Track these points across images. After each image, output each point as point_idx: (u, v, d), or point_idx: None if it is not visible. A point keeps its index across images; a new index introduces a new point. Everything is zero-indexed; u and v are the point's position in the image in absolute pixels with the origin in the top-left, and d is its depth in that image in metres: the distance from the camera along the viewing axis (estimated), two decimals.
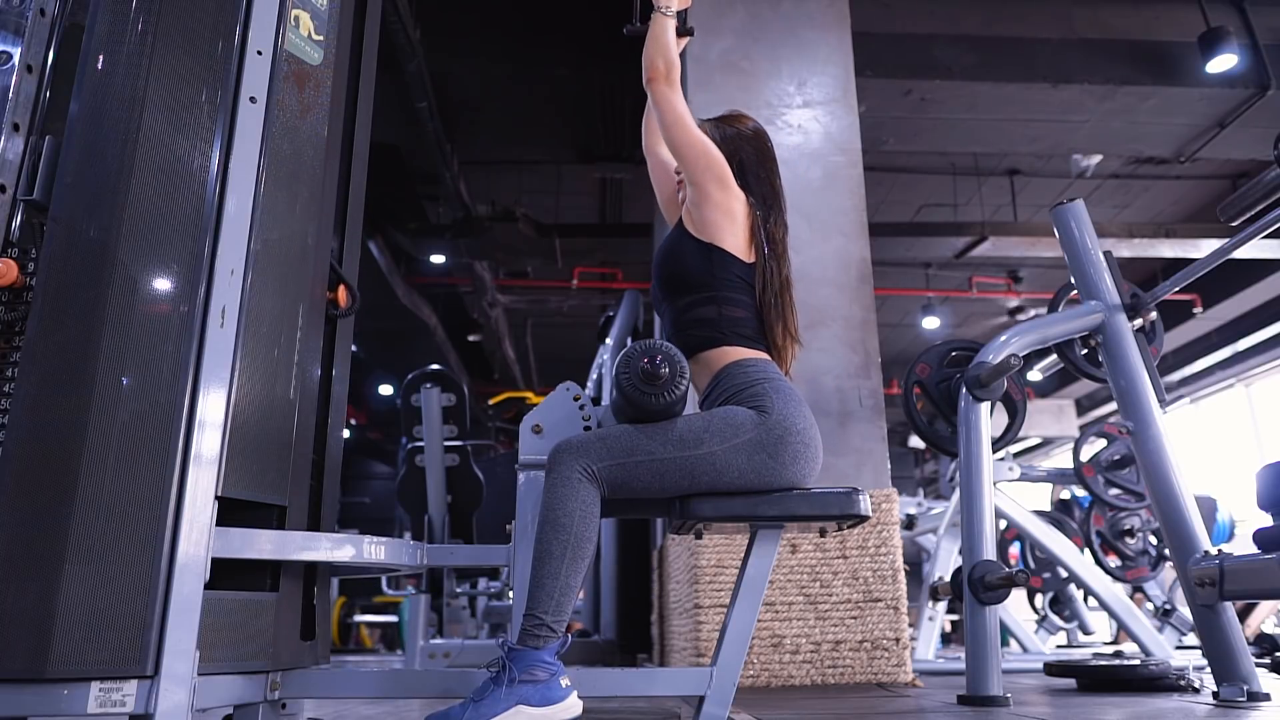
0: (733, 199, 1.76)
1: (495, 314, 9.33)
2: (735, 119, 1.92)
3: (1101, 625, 6.87)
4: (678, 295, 1.77)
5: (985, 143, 6.63)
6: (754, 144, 1.87)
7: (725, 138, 1.85)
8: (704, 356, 1.73)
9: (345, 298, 1.78)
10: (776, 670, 2.80)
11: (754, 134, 1.89)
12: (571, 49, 5.83)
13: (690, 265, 1.75)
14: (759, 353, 1.72)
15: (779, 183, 1.88)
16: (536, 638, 1.46)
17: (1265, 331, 9.17)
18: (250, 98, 1.43)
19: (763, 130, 1.91)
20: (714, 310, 1.72)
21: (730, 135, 1.86)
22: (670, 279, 1.79)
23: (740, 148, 1.84)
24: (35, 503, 1.20)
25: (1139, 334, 2.57)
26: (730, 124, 1.90)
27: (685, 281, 1.76)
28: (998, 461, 3.84)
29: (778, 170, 1.89)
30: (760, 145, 1.88)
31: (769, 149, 1.89)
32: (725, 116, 1.93)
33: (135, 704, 1.18)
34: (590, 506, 1.53)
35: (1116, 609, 3.92)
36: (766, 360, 1.72)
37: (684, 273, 1.76)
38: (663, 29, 1.81)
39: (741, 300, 1.74)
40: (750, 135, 1.88)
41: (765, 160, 1.87)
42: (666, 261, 1.80)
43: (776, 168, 1.89)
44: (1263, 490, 2.10)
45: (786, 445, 1.60)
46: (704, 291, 1.73)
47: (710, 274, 1.73)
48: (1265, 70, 5.66)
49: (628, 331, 5.30)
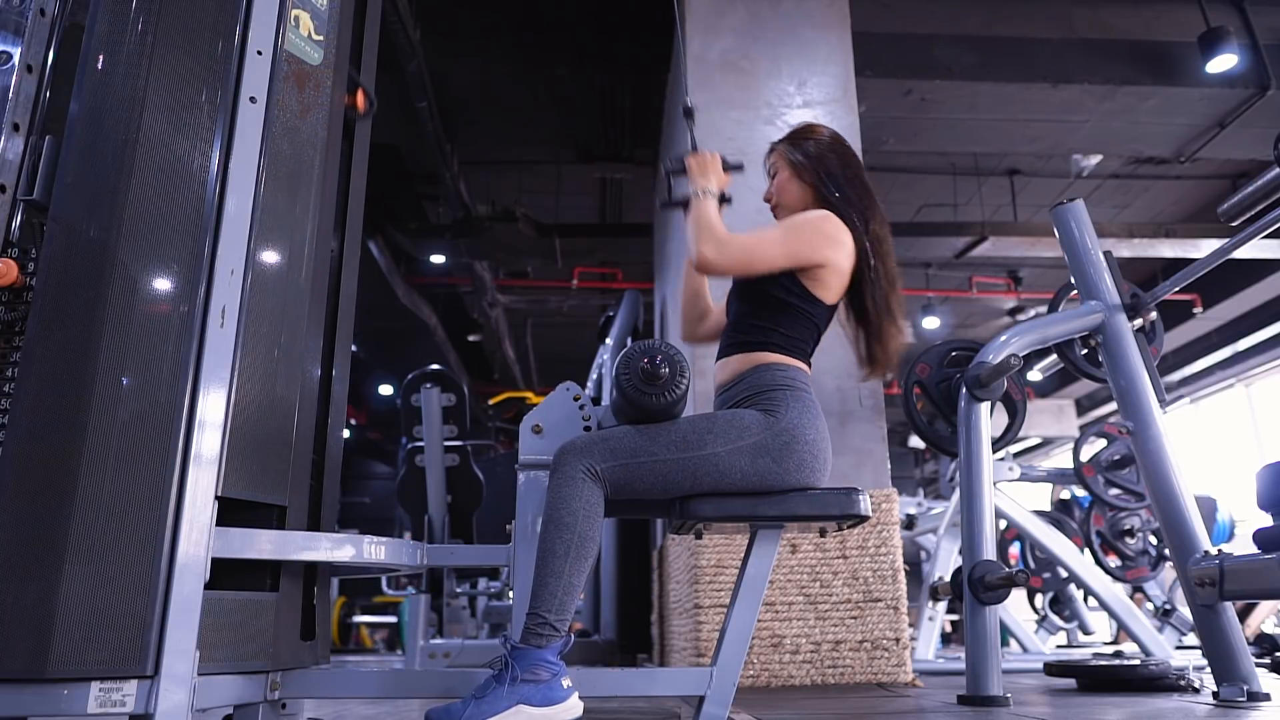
0: (842, 254, 1.73)
1: (495, 314, 9.33)
2: (808, 132, 1.89)
3: (1101, 625, 6.87)
4: (750, 303, 1.76)
5: (985, 143, 6.62)
6: (835, 151, 1.85)
7: (807, 155, 1.83)
8: (742, 356, 1.73)
9: (363, 102, 1.76)
10: (776, 670, 2.80)
11: (832, 140, 1.87)
12: (571, 49, 5.82)
13: (775, 292, 1.73)
14: (796, 361, 1.72)
15: (866, 178, 1.85)
16: (540, 636, 1.46)
17: (1265, 331, 9.16)
18: (250, 98, 1.43)
19: (839, 135, 1.90)
20: (771, 322, 1.72)
21: (810, 150, 1.84)
22: (751, 292, 1.77)
23: (823, 159, 1.82)
24: (35, 503, 1.20)
25: (1139, 334, 2.57)
26: (806, 138, 1.88)
27: (764, 301, 1.74)
28: (998, 461, 3.84)
29: (862, 168, 1.87)
30: (841, 150, 1.86)
31: (850, 151, 1.88)
32: (797, 132, 1.91)
33: (135, 704, 1.18)
34: (594, 506, 1.53)
35: (1116, 609, 3.92)
36: (801, 370, 1.72)
37: (766, 296, 1.74)
38: (704, 213, 1.74)
39: (806, 326, 1.73)
40: (829, 143, 1.86)
41: (850, 163, 1.85)
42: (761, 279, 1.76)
43: (861, 167, 1.87)
44: (1263, 490, 2.10)
45: (792, 452, 1.60)
46: (778, 312, 1.73)
47: (789, 304, 1.72)
48: (1265, 70, 5.66)
49: (628, 331, 5.30)
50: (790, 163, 1.86)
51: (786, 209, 1.87)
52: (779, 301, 1.72)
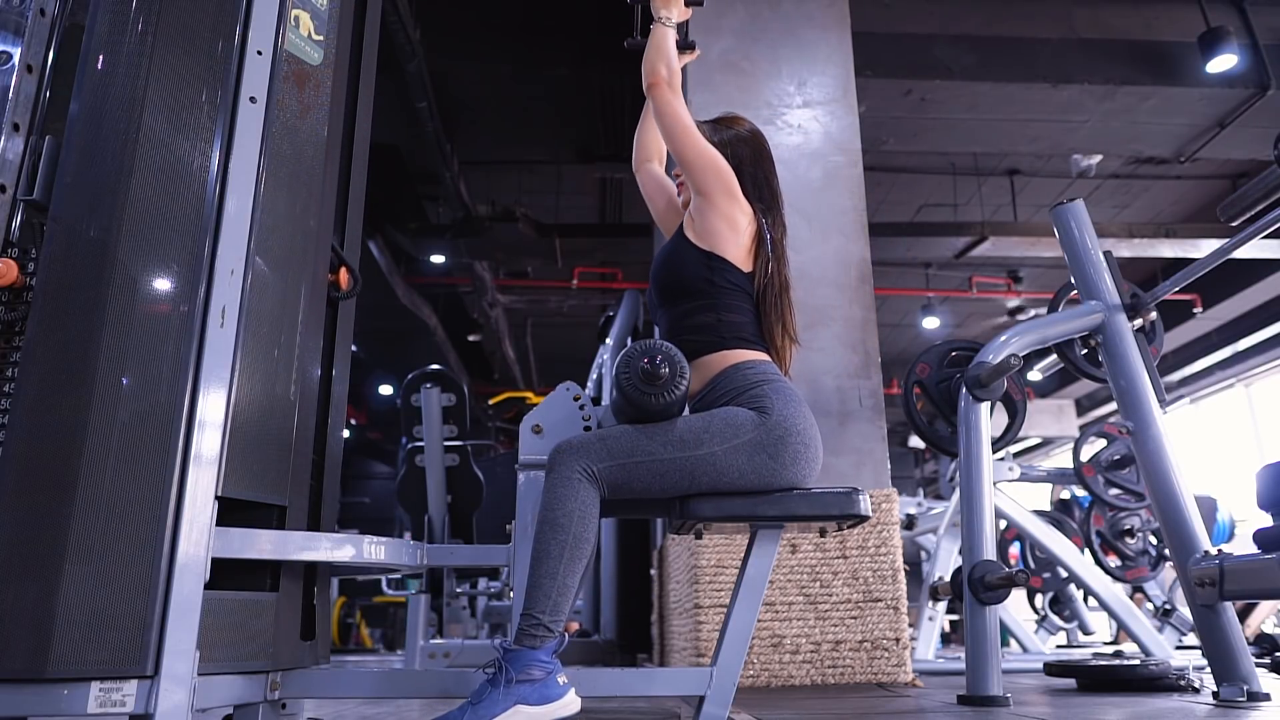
0: (738, 209, 1.76)
1: (495, 314, 9.33)
2: (732, 121, 1.91)
3: (1101, 625, 6.87)
4: (675, 302, 1.77)
5: (985, 143, 6.63)
6: (751, 145, 1.86)
7: (723, 141, 1.84)
8: (702, 360, 1.72)
9: (346, 280, 1.78)
10: (776, 670, 2.80)
11: (751, 135, 1.88)
12: (571, 49, 5.82)
13: (689, 273, 1.74)
14: (759, 354, 1.72)
15: (777, 183, 1.88)
16: (533, 637, 1.46)
17: (1265, 331, 9.17)
18: (250, 98, 1.43)
19: (759, 131, 1.91)
20: (712, 316, 1.72)
21: (729, 138, 1.85)
22: (669, 286, 1.78)
23: (738, 149, 1.84)
24: (35, 503, 1.20)
25: (1139, 334, 2.57)
26: (728, 126, 1.89)
27: (684, 288, 1.75)
28: (998, 461, 3.83)
29: (775, 171, 1.89)
30: (757, 146, 1.87)
31: (766, 150, 1.89)
32: (721, 119, 1.92)
33: (135, 704, 1.18)
34: (589, 507, 1.53)
35: (1116, 609, 3.92)
36: (767, 361, 1.72)
37: (683, 280, 1.75)
38: (663, 37, 1.80)
39: (740, 305, 1.74)
40: (748, 137, 1.87)
41: (763, 161, 1.86)
42: (665, 268, 1.80)
43: (774, 169, 1.89)
44: (1263, 490, 2.10)
45: (787, 446, 1.60)
46: (702, 299, 1.73)
47: (709, 281, 1.73)
48: (1265, 70, 5.66)
49: (628, 331, 5.30)
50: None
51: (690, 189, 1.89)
52: (702, 287, 1.72)
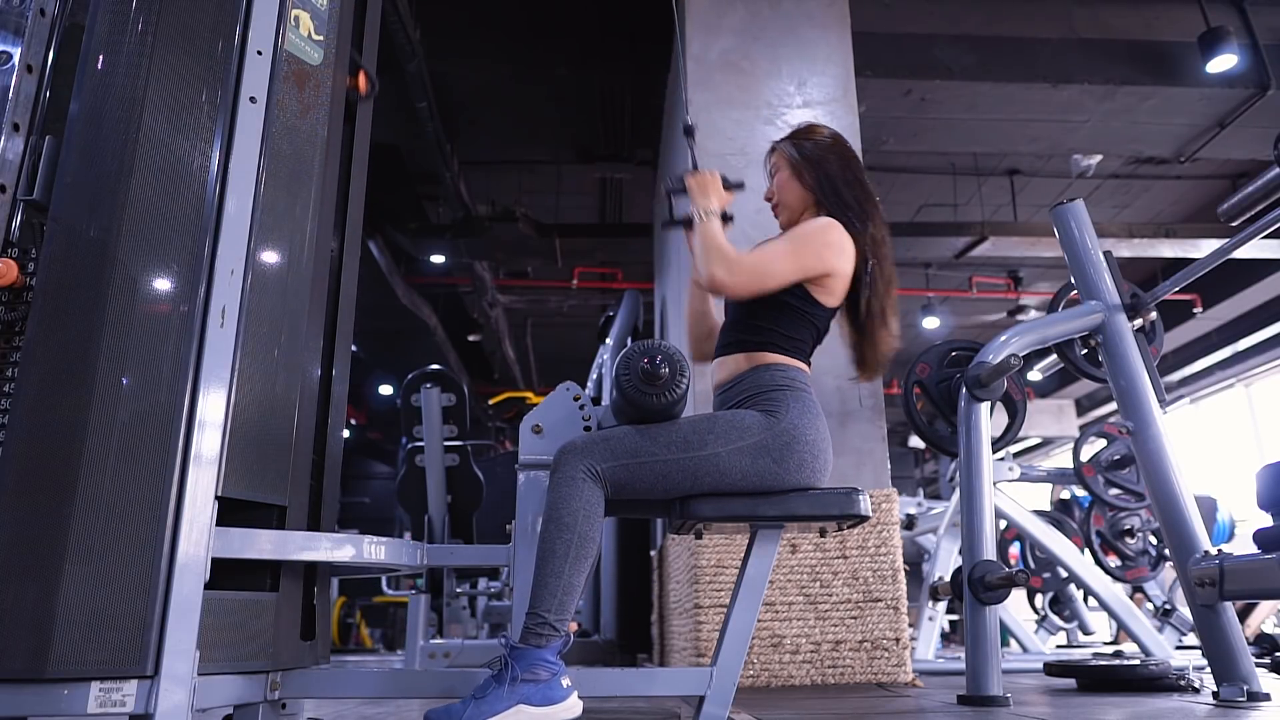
0: (845, 260, 1.73)
1: (495, 314, 9.33)
2: (809, 132, 1.89)
3: (1101, 625, 6.87)
4: (750, 304, 1.75)
5: (985, 143, 6.62)
6: (836, 152, 1.85)
7: (805, 155, 1.83)
8: (739, 355, 1.73)
9: (365, 84, 1.76)
10: (776, 670, 2.80)
11: (833, 141, 1.87)
12: (571, 49, 5.82)
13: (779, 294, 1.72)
14: (796, 361, 1.72)
15: (865, 178, 1.85)
16: (539, 636, 1.46)
17: (1265, 331, 9.16)
18: (250, 98, 1.43)
19: (840, 135, 1.90)
20: (770, 324, 1.72)
21: (810, 152, 1.84)
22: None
23: (824, 160, 1.82)
24: (35, 503, 1.20)
25: (1139, 334, 2.57)
26: (806, 138, 1.87)
27: (764, 301, 1.73)
28: (998, 461, 3.83)
29: (862, 168, 1.87)
30: (842, 151, 1.86)
31: (851, 152, 1.88)
32: (798, 132, 1.91)
33: (135, 704, 1.18)
34: (594, 506, 1.53)
35: (1116, 609, 3.92)
36: (801, 370, 1.72)
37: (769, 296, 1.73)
38: (709, 235, 1.73)
39: (803, 325, 1.73)
40: (830, 144, 1.86)
41: (851, 164, 1.85)
42: None
43: (862, 167, 1.87)
44: (1263, 490, 2.10)
45: (793, 452, 1.60)
46: (771, 310, 1.72)
47: (785, 303, 1.72)
48: (1265, 70, 5.66)
49: (628, 331, 5.30)
50: (790, 162, 1.86)
51: (787, 208, 1.88)
52: (780, 303, 1.72)
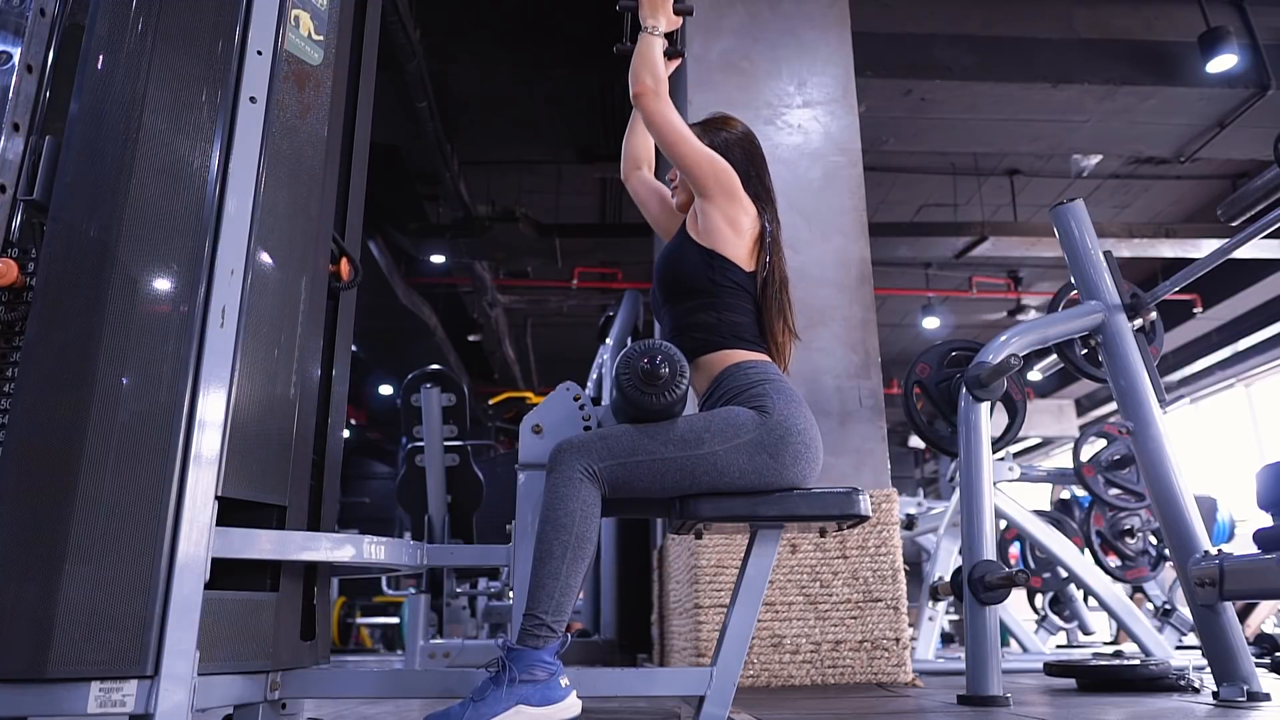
0: (740, 209, 1.77)
1: (495, 314, 9.33)
2: (723, 122, 1.91)
3: (1101, 625, 6.87)
4: (677, 300, 1.78)
5: (985, 143, 6.62)
6: (744, 145, 1.87)
7: (716, 143, 1.84)
8: (704, 360, 1.73)
9: (347, 270, 1.78)
10: (776, 670, 2.80)
11: (743, 136, 1.89)
12: (571, 49, 5.82)
13: (691, 271, 1.75)
14: (759, 354, 1.73)
15: (770, 181, 1.89)
16: (536, 637, 1.46)
17: (1265, 331, 9.16)
18: (250, 98, 1.43)
19: (750, 131, 1.92)
20: (714, 315, 1.73)
21: (721, 141, 1.85)
22: (671, 284, 1.79)
23: (731, 151, 1.84)
24: (35, 503, 1.20)
25: (1139, 334, 2.57)
26: (719, 128, 1.89)
27: (686, 287, 1.76)
28: (998, 461, 3.83)
29: (768, 169, 1.90)
30: (750, 146, 1.88)
31: (758, 149, 1.90)
32: (711, 120, 1.93)
33: (135, 704, 1.18)
34: (591, 506, 1.53)
35: (1116, 609, 3.92)
36: (767, 361, 1.73)
37: (685, 278, 1.76)
38: (649, 47, 1.79)
39: (741, 305, 1.75)
40: (740, 138, 1.88)
41: (756, 161, 1.87)
42: (668, 266, 1.81)
43: (766, 167, 1.90)
44: (1263, 490, 2.10)
45: (787, 445, 1.60)
46: (704, 297, 1.74)
47: (711, 280, 1.74)
48: (1265, 70, 5.66)
49: (628, 331, 5.30)
50: None
51: (684, 190, 1.91)
52: (706, 287, 1.73)
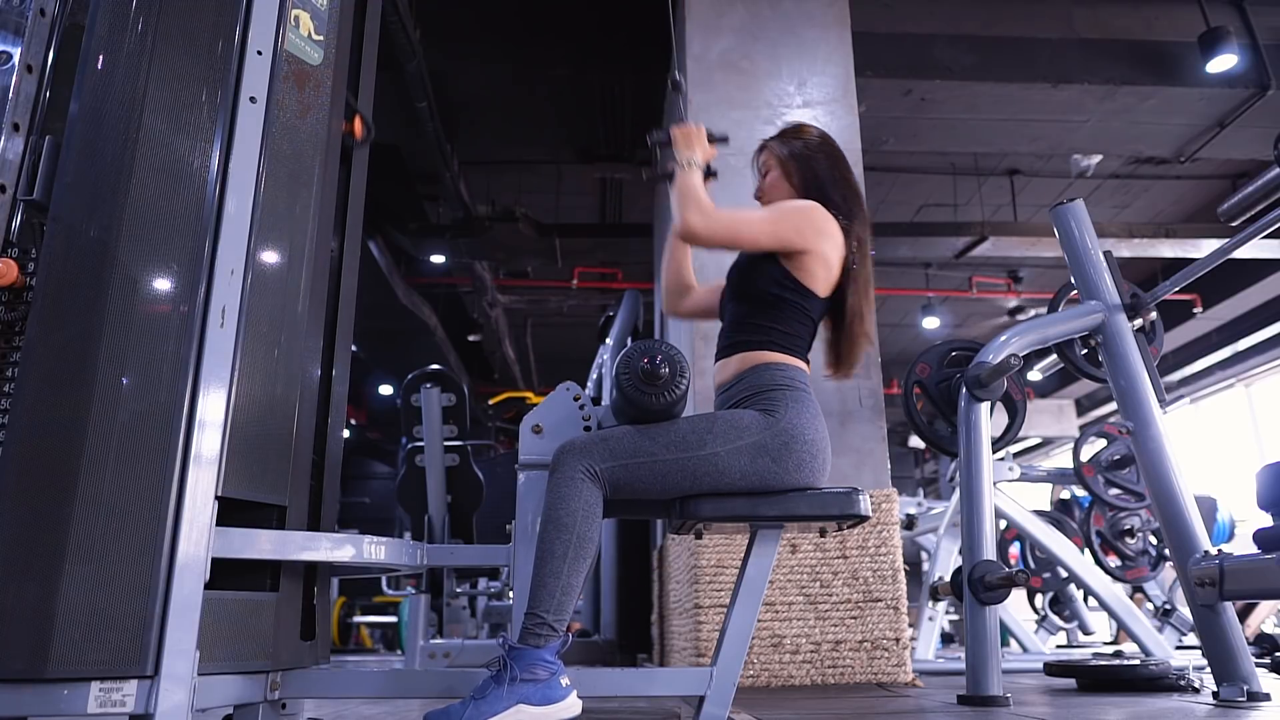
0: (830, 244, 1.74)
1: (495, 314, 9.33)
2: (798, 132, 1.90)
3: (1101, 625, 6.87)
4: (741, 302, 1.78)
5: (985, 143, 6.62)
6: (824, 151, 1.86)
7: (794, 154, 1.84)
8: (739, 356, 1.73)
9: (360, 129, 1.77)
10: (776, 670, 2.80)
11: (821, 140, 1.88)
12: (571, 49, 5.82)
13: (763, 285, 1.74)
14: (795, 360, 1.72)
15: (853, 178, 1.87)
16: (538, 636, 1.46)
17: (1265, 331, 9.16)
18: (250, 98, 1.43)
19: (828, 135, 1.91)
20: (769, 322, 1.73)
21: (799, 151, 1.85)
22: (741, 289, 1.79)
23: (812, 159, 1.83)
24: (35, 503, 1.20)
25: (1139, 334, 2.57)
26: (795, 138, 1.89)
27: (753, 295, 1.75)
28: (998, 461, 3.83)
29: (850, 169, 1.89)
30: (830, 151, 1.87)
31: (838, 151, 1.89)
32: (787, 131, 1.92)
33: (135, 704, 1.18)
34: (593, 507, 1.53)
35: (1116, 609, 3.92)
36: (799, 368, 1.72)
37: (755, 288, 1.75)
38: (688, 184, 1.75)
39: (800, 320, 1.74)
40: (818, 143, 1.87)
41: (839, 164, 1.86)
42: (742, 274, 1.80)
43: (849, 167, 1.89)
44: (1263, 490, 2.10)
45: (791, 451, 1.60)
46: (768, 307, 1.73)
47: (780, 297, 1.73)
48: (1265, 70, 5.66)
49: (628, 331, 5.30)
50: (780, 160, 1.87)
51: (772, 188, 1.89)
52: (773, 298, 1.73)
